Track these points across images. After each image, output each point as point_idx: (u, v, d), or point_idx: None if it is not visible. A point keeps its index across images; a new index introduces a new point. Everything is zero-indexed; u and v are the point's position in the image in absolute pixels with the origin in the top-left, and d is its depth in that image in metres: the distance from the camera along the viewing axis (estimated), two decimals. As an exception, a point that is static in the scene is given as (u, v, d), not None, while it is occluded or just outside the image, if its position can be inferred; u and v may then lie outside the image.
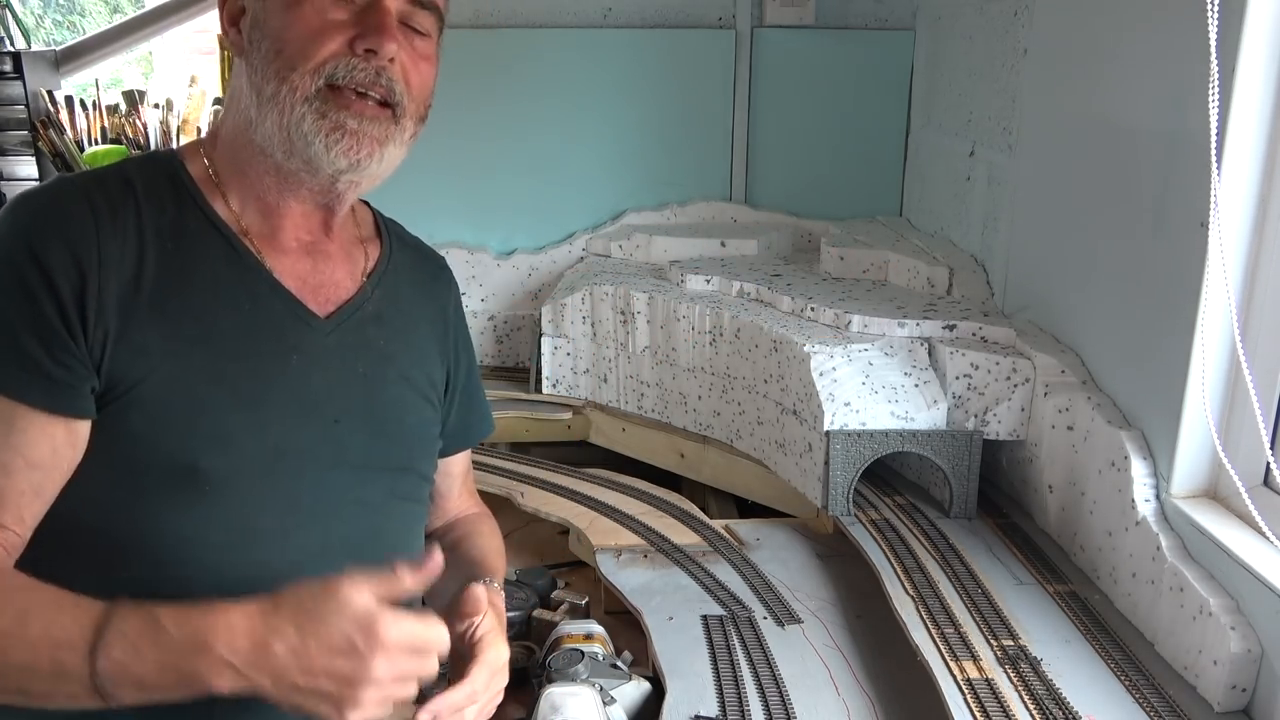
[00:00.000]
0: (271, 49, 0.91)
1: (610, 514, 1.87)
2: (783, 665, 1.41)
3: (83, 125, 3.43)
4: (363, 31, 0.91)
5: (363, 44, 0.91)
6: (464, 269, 2.61)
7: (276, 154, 0.93)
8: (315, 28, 0.91)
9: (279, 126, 0.91)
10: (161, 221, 0.92)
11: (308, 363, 0.97)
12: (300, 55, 0.90)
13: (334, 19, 0.91)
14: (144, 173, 0.94)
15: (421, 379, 1.08)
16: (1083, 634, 1.40)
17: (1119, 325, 1.56)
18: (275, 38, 0.91)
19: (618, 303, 2.23)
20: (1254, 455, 1.33)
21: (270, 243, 0.97)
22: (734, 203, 2.69)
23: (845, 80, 2.61)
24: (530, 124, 2.60)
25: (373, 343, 1.02)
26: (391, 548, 1.03)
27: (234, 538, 0.92)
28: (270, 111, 0.91)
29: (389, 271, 1.07)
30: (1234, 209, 1.28)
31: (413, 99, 0.96)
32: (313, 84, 0.90)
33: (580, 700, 1.30)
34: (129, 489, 0.89)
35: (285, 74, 0.90)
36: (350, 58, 0.91)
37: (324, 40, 0.90)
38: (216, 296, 0.93)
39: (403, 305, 1.07)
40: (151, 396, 0.88)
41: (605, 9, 2.61)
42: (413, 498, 1.08)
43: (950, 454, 1.72)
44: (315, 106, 0.91)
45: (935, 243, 2.29)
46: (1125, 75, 1.55)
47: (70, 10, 6.43)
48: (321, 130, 0.91)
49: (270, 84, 0.91)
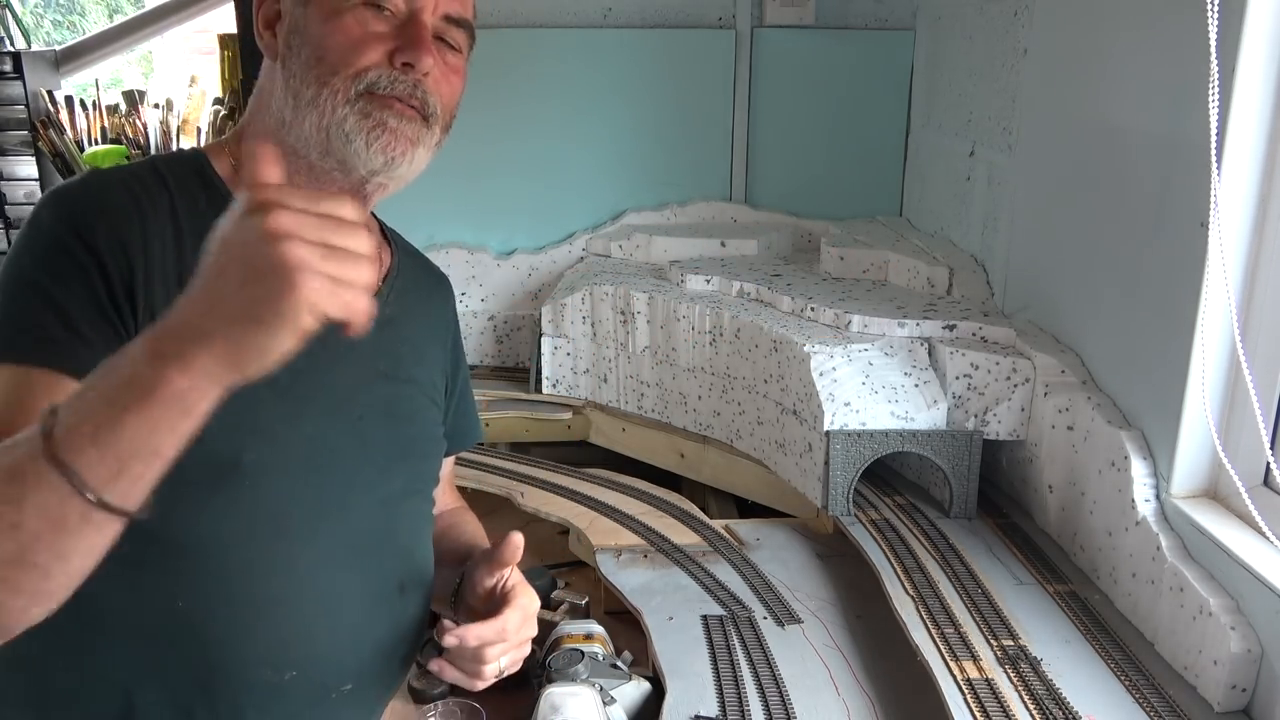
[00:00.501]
0: (313, 55, 0.94)
1: (610, 514, 1.87)
2: (783, 665, 1.41)
3: (83, 125, 3.44)
4: (402, 45, 0.94)
5: (401, 57, 0.94)
6: (464, 269, 2.61)
7: (312, 154, 0.95)
8: (356, 38, 0.93)
9: (318, 128, 0.93)
10: (195, 216, 0.92)
11: (334, 358, 0.97)
12: (342, 62, 0.93)
13: (375, 30, 0.94)
14: (174, 168, 0.96)
15: (429, 383, 1.11)
16: (1083, 634, 1.40)
17: (1119, 325, 1.56)
18: (316, 45, 0.94)
19: (618, 303, 2.23)
20: (1254, 455, 1.33)
21: None
22: (734, 203, 2.69)
23: (845, 80, 2.61)
24: (530, 124, 2.60)
25: (388, 345, 1.04)
26: (406, 542, 1.06)
27: (267, 530, 0.92)
28: (309, 114, 0.93)
29: (399, 278, 1.09)
30: (1234, 209, 1.28)
31: (444, 110, 0.99)
32: (354, 88, 0.93)
33: (580, 700, 1.30)
34: (172, 484, 0.85)
35: (326, 78, 0.93)
36: (390, 69, 0.94)
37: (365, 50, 0.93)
38: None
39: (411, 312, 1.10)
40: None
41: (605, 9, 2.61)
42: (424, 496, 1.11)
43: (950, 454, 1.72)
44: (359, 108, 0.93)
45: (935, 243, 2.29)
46: (1125, 75, 1.55)
47: (70, 10, 6.43)
48: (364, 129, 0.93)
49: (310, 88, 0.93)
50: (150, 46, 4.98)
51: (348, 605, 0.98)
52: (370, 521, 1.00)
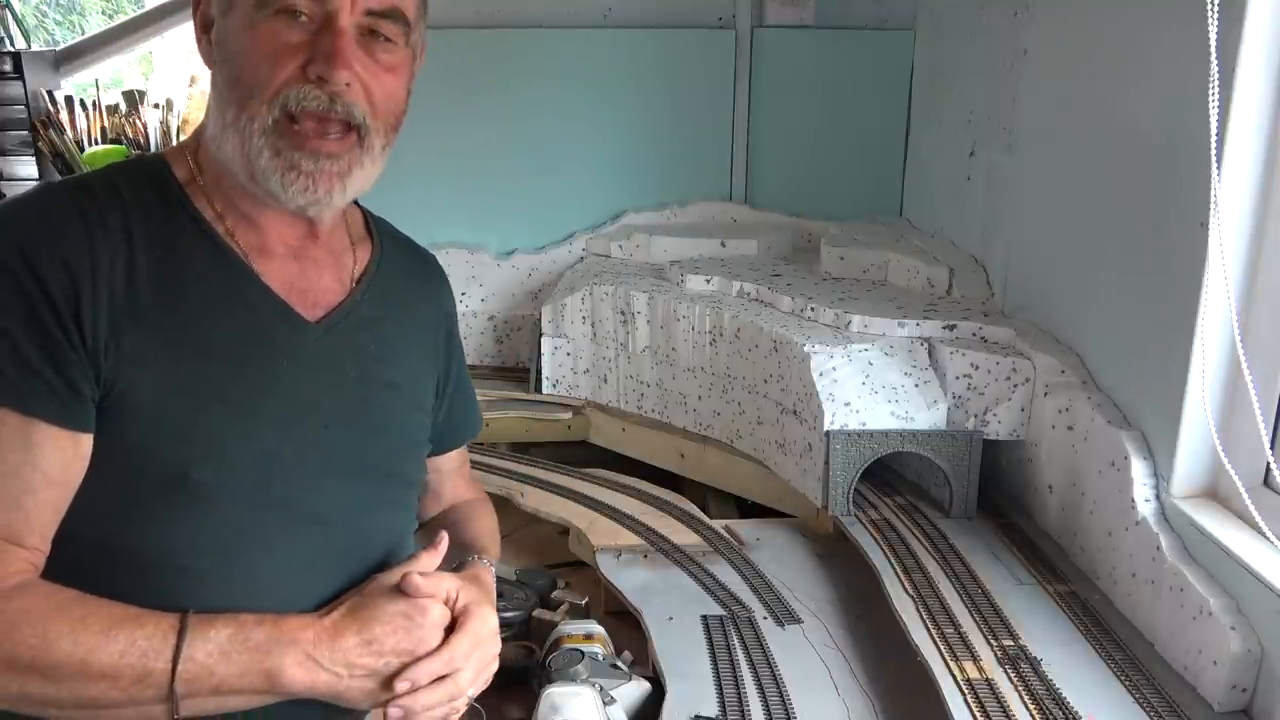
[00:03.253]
0: (231, 74, 0.90)
1: (610, 514, 1.87)
2: (783, 665, 1.41)
3: (83, 125, 3.43)
4: (313, 56, 0.88)
5: (314, 70, 0.88)
6: (464, 269, 2.61)
7: (241, 177, 0.92)
8: (269, 52, 0.88)
9: (240, 153, 0.90)
10: (150, 228, 0.90)
11: (298, 368, 0.96)
12: (256, 83, 0.88)
13: (288, 42, 0.88)
14: (130, 178, 0.93)
15: (411, 383, 1.08)
16: (1083, 634, 1.40)
17: (1119, 325, 1.56)
18: (234, 63, 0.90)
19: (618, 303, 2.23)
20: (1254, 455, 1.32)
21: (257, 247, 0.96)
22: (734, 203, 2.69)
23: (845, 80, 2.61)
24: (530, 124, 2.60)
25: (363, 347, 1.02)
26: (378, 552, 1.03)
27: (224, 545, 0.92)
28: (231, 136, 0.90)
29: (379, 274, 1.05)
30: (1234, 209, 1.28)
31: (378, 115, 0.93)
32: (269, 115, 0.88)
33: (580, 700, 1.30)
34: (122, 499, 0.88)
35: (244, 102, 0.89)
36: (304, 84, 0.88)
37: (278, 67, 0.88)
38: (206, 303, 0.91)
39: (394, 307, 1.06)
40: (145, 405, 0.88)
41: (605, 9, 2.61)
42: (400, 503, 1.08)
43: (950, 454, 1.72)
44: (270, 142, 0.89)
45: (935, 243, 2.28)
46: (1125, 75, 1.55)
47: (70, 10, 6.43)
48: (277, 169, 0.89)
49: (230, 110, 0.90)
50: (150, 46, 4.97)
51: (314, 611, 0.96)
52: (338, 530, 0.98)
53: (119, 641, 0.83)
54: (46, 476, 0.85)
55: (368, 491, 1.01)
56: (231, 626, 0.87)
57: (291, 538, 0.95)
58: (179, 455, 0.89)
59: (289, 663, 0.87)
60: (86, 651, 0.82)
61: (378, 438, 1.02)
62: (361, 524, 1.01)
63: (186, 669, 0.84)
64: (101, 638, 0.83)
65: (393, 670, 0.91)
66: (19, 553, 0.85)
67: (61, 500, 0.87)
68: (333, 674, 0.89)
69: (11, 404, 0.83)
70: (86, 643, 0.82)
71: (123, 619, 0.84)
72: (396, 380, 1.05)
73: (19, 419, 0.84)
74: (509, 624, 1.62)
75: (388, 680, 0.91)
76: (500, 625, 1.64)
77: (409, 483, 1.09)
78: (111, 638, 0.83)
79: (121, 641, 0.83)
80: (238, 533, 0.92)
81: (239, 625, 0.87)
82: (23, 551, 0.85)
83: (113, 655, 0.82)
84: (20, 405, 0.83)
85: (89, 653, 0.82)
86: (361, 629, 0.91)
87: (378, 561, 1.02)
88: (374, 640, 0.91)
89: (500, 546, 1.23)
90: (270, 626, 0.88)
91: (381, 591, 0.94)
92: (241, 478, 0.92)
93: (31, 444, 0.84)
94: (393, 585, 0.94)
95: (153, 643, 0.83)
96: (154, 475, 0.88)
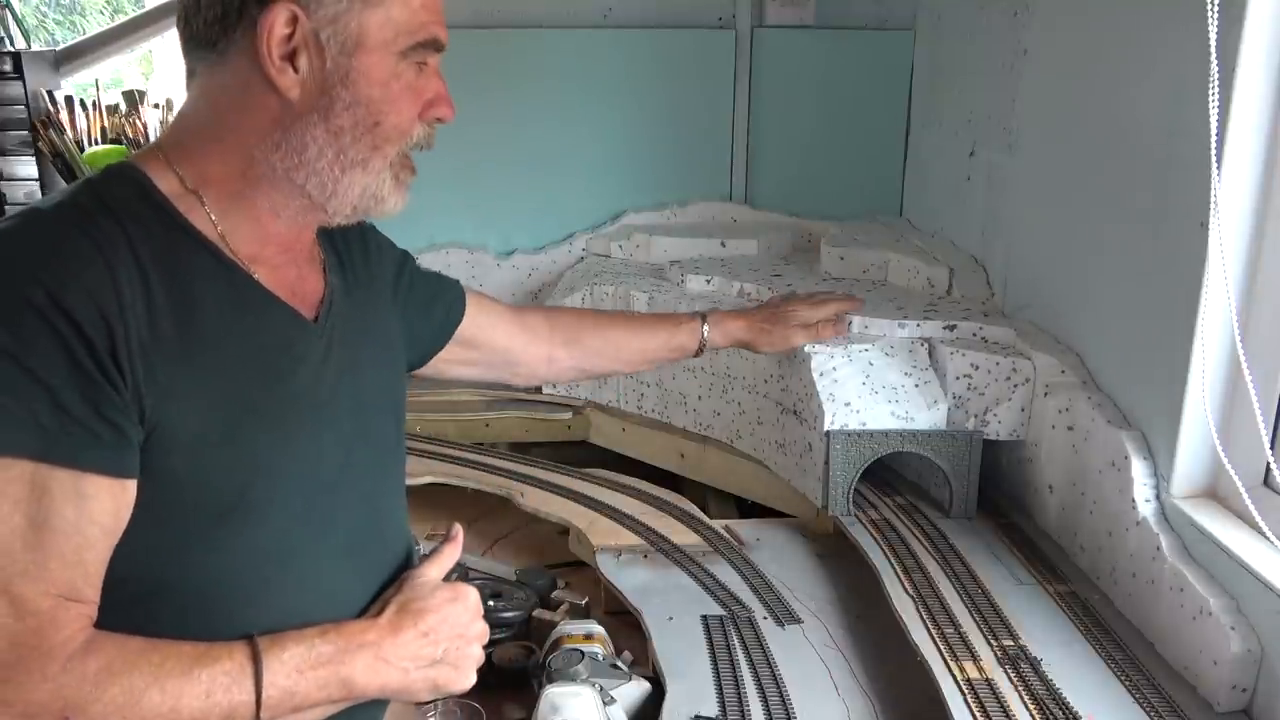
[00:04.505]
0: (368, 118, 0.92)
1: (610, 514, 1.87)
2: (783, 665, 1.41)
3: (83, 125, 3.43)
4: (435, 102, 0.97)
5: (437, 114, 0.98)
6: (464, 269, 2.61)
7: (326, 200, 0.94)
8: (410, 101, 0.95)
9: (360, 188, 0.95)
10: (153, 248, 0.87)
11: (313, 370, 0.97)
12: (398, 131, 0.95)
13: (419, 90, 0.96)
14: (117, 196, 0.88)
15: (382, 343, 1.11)
16: (1083, 634, 1.40)
17: (1119, 325, 1.56)
18: (373, 109, 0.92)
19: (618, 303, 2.23)
20: (1254, 455, 1.32)
21: (254, 256, 0.95)
22: (734, 203, 2.69)
23: (845, 80, 2.61)
24: (530, 124, 2.60)
25: (350, 330, 1.03)
26: (395, 538, 1.07)
27: (276, 558, 0.93)
28: (355, 174, 0.94)
29: (329, 250, 1.07)
30: (1234, 209, 1.28)
31: None
32: (400, 154, 0.97)
33: (580, 700, 1.29)
34: (174, 533, 0.87)
35: (380, 144, 0.94)
36: (425, 128, 0.98)
37: (415, 115, 0.96)
38: (222, 319, 0.90)
39: (345, 273, 1.08)
40: (190, 437, 0.86)
41: (605, 9, 2.61)
42: (399, 486, 1.12)
43: (950, 454, 1.72)
44: (394, 172, 0.97)
45: (935, 243, 2.28)
46: (1125, 75, 1.55)
47: (70, 10, 6.43)
48: (398, 191, 0.98)
49: (363, 151, 0.93)
50: (150, 46, 4.97)
51: (347, 610, 0.98)
52: (357, 519, 1.00)
53: (201, 682, 0.83)
54: (102, 528, 0.83)
55: (374, 477, 1.04)
56: (300, 644, 0.88)
57: (326, 538, 0.97)
58: (232, 481, 0.88)
59: (361, 667, 0.91)
60: (175, 699, 0.82)
61: (374, 418, 1.05)
62: (374, 511, 1.04)
63: (270, 695, 0.85)
64: (184, 681, 0.82)
65: (451, 657, 0.98)
66: (79, 609, 0.83)
67: (110, 550, 0.85)
68: (400, 670, 0.94)
69: (60, 460, 0.80)
70: (173, 690, 0.82)
71: (198, 657, 0.84)
72: (375, 350, 1.08)
73: (69, 474, 0.80)
74: (509, 624, 1.62)
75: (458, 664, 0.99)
76: (500, 625, 1.66)
77: (397, 455, 1.13)
78: (194, 679, 0.83)
79: (204, 681, 0.83)
80: (288, 543, 0.93)
81: (306, 641, 0.89)
82: (82, 607, 0.83)
83: (199, 697, 0.83)
84: (69, 460, 0.80)
85: (177, 699, 0.82)
86: (418, 621, 0.96)
87: (392, 548, 1.06)
88: (430, 630, 0.96)
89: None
90: (335, 635, 0.91)
91: (422, 582, 1.00)
92: (286, 490, 0.93)
93: (85, 497, 0.81)
94: (429, 577, 1.01)
95: (233, 676, 0.84)
96: (208, 505, 0.88)
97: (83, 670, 0.80)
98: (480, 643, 1.02)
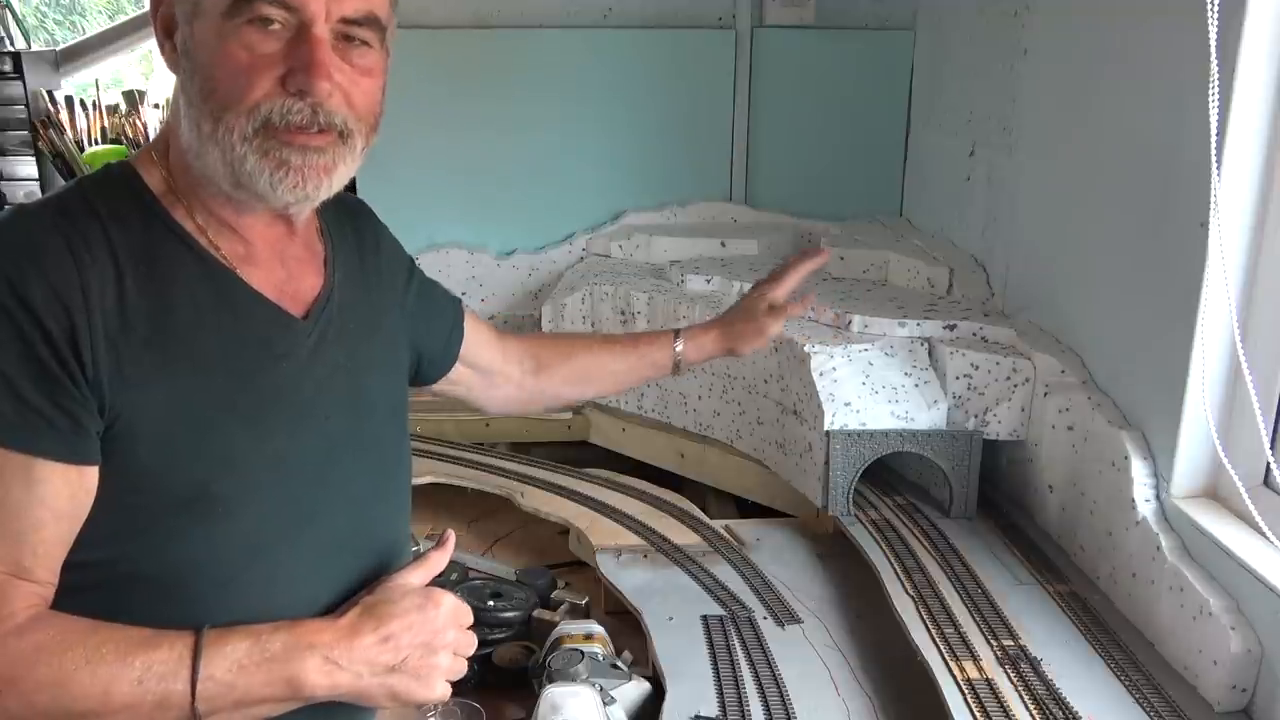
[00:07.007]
0: (205, 86, 0.87)
1: (610, 514, 1.87)
2: (783, 665, 1.41)
3: (83, 125, 3.43)
4: (293, 69, 0.86)
5: (294, 84, 0.86)
6: (464, 269, 2.61)
7: (224, 185, 0.90)
8: (244, 65, 0.85)
9: (223, 163, 0.88)
10: (132, 244, 0.87)
11: (297, 368, 0.96)
12: (232, 97, 0.86)
13: (263, 53, 0.86)
14: (104, 193, 0.89)
15: (388, 345, 1.09)
16: (1083, 634, 1.40)
17: (1119, 325, 1.56)
18: (206, 75, 0.87)
19: (618, 303, 2.23)
20: (1254, 455, 1.33)
21: (241, 255, 0.94)
22: (734, 203, 2.68)
23: (845, 80, 2.61)
24: (530, 124, 2.60)
25: (345, 330, 1.01)
26: (382, 542, 1.04)
27: (243, 554, 0.92)
28: (211, 148, 0.88)
29: (336, 247, 1.05)
30: (1234, 209, 1.28)
31: (359, 119, 0.91)
32: (249, 124, 0.86)
33: (580, 700, 1.30)
34: (137, 521, 0.88)
35: (220, 114, 0.86)
36: (284, 98, 0.86)
37: (255, 80, 0.86)
38: (199, 315, 0.90)
39: (352, 272, 1.05)
40: (155, 428, 0.86)
41: (605, 9, 2.61)
42: (395, 487, 1.09)
43: (950, 454, 1.72)
44: (256, 145, 0.87)
45: (935, 243, 2.29)
46: (1125, 75, 1.55)
47: (70, 10, 6.43)
48: (266, 169, 0.88)
49: (207, 123, 0.87)
50: (150, 46, 4.96)
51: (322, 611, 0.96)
52: (343, 521, 0.99)
53: (135, 668, 0.82)
54: (53, 511, 0.84)
55: (367, 480, 1.02)
56: (249, 638, 0.86)
57: (303, 537, 0.96)
58: (196, 472, 0.88)
59: (309, 668, 0.87)
60: (106, 682, 0.81)
61: (371, 419, 1.03)
62: (364, 514, 1.02)
63: (206, 688, 0.83)
64: (119, 665, 0.82)
65: (411, 665, 0.92)
66: (29, 587, 0.84)
67: (69, 533, 0.86)
68: (353, 674, 0.89)
69: (12, 444, 0.82)
70: (105, 673, 0.82)
71: (138, 643, 0.83)
72: (375, 351, 1.06)
73: (21, 458, 0.82)
74: (509, 624, 1.62)
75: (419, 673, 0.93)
76: (500, 625, 1.66)
77: (399, 458, 1.10)
78: (128, 664, 0.82)
79: (138, 668, 0.82)
80: (255, 540, 0.92)
81: (255, 636, 0.87)
82: (33, 586, 0.84)
83: (131, 683, 0.82)
84: (21, 445, 0.82)
85: (108, 683, 0.81)
86: (379, 626, 0.91)
87: (383, 552, 1.04)
88: (390, 636, 0.91)
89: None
90: (287, 633, 0.88)
91: (394, 586, 0.95)
92: (258, 485, 0.92)
93: (35, 480, 0.83)
94: (407, 581, 0.96)
95: (169, 665, 0.83)
96: (171, 495, 0.88)
97: (19, 645, 0.81)
98: (454, 652, 0.95)
